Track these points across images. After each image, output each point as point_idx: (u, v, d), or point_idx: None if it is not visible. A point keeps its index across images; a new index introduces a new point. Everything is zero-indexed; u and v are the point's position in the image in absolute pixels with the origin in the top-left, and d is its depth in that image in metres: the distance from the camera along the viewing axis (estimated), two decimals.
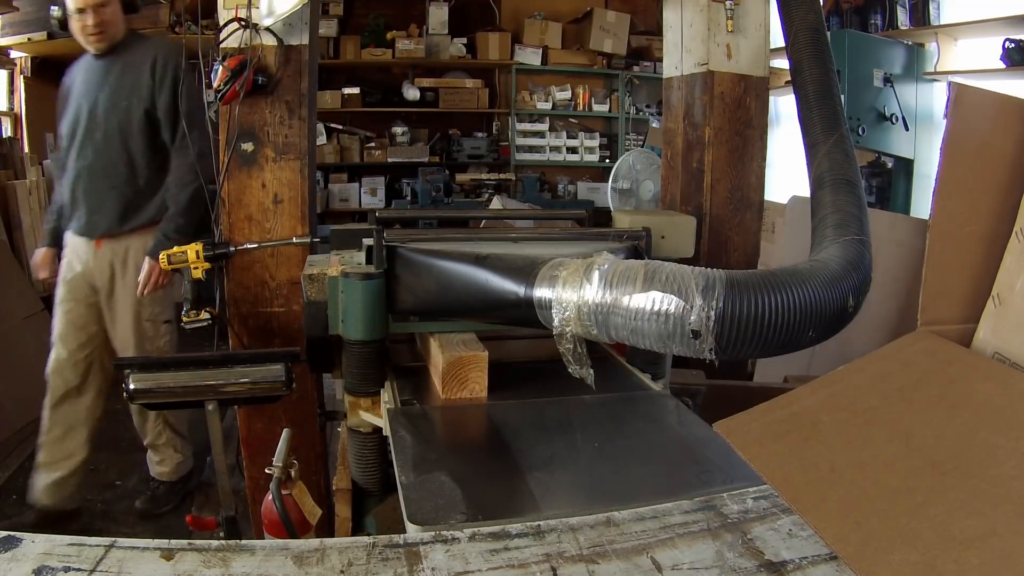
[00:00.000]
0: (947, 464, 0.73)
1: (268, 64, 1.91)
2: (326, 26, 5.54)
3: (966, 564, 0.62)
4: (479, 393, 1.24)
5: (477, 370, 1.24)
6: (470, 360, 1.23)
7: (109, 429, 3.22)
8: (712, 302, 0.87)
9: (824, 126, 1.38)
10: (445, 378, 1.22)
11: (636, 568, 0.69)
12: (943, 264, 0.95)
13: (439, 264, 1.27)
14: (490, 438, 1.16)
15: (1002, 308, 0.91)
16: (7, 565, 0.66)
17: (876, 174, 3.99)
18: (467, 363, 1.23)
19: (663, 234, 1.47)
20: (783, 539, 0.74)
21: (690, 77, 2.27)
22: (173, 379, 1.40)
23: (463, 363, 1.23)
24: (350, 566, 0.69)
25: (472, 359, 1.23)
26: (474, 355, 1.24)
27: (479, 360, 1.24)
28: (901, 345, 0.94)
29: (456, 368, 1.23)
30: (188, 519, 1.80)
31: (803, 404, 0.87)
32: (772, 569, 0.69)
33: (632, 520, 0.78)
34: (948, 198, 0.95)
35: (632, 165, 5.15)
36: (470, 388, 1.24)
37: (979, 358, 0.91)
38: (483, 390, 1.24)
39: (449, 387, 1.23)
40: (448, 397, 1.23)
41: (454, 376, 1.23)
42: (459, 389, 1.23)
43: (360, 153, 5.92)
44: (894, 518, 0.68)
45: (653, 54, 6.13)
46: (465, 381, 1.23)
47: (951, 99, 0.95)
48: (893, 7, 3.98)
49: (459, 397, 1.23)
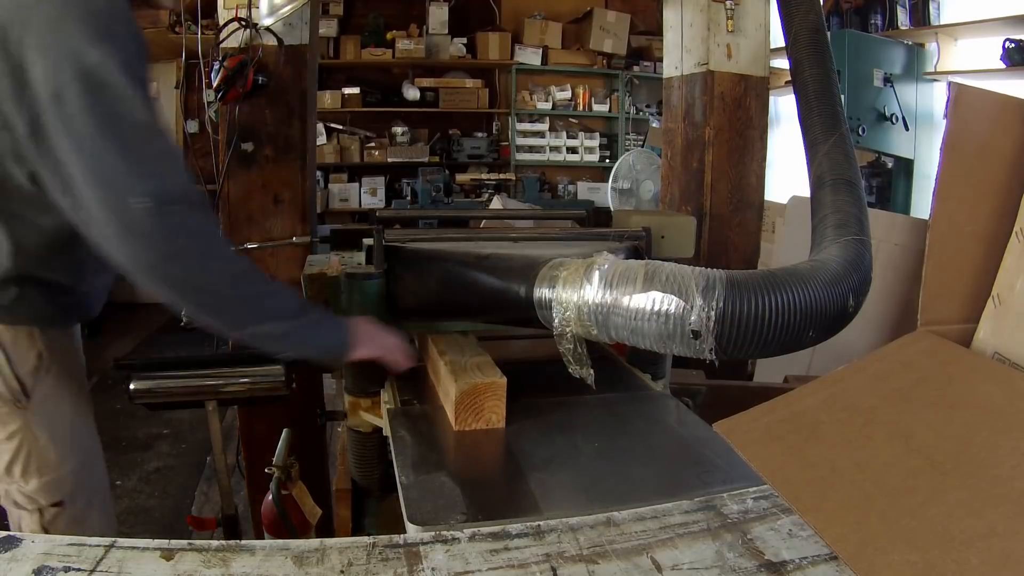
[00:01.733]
0: (947, 464, 0.73)
1: (268, 64, 1.91)
2: (326, 26, 5.54)
3: (966, 564, 0.62)
4: (496, 424, 1.13)
5: (494, 399, 1.12)
6: (486, 388, 1.11)
7: (109, 429, 3.22)
8: (712, 302, 0.87)
9: (824, 126, 1.38)
10: (458, 408, 1.11)
11: (636, 568, 0.69)
12: (943, 264, 0.95)
13: (439, 264, 1.27)
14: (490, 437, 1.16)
15: (1002, 308, 0.91)
16: (7, 565, 0.66)
17: (876, 174, 4.00)
18: (483, 391, 1.11)
19: (663, 234, 1.47)
20: (783, 539, 0.74)
21: (690, 77, 2.27)
22: (173, 379, 1.40)
23: (478, 391, 1.11)
24: (350, 566, 0.69)
25: (488, 387, 1.11)
26: (491, 383, 1.12)
27: (496, 388, 1.12)
28: (901, 345, 0.94)
29: (471, 397, 1.11)
30: (188, 519, 1.80)
31: (803, 404, 0.87)
32: (772, 569, 0.69)
33: (632, 520, 0.78)
34: (948, 198, 0.95)
35: (632, 165, 5.16)
36: (486, 418, 1.12)
37: (979, 358, 0.91)
38: (500, 420, 1.13)
39: (463, 418, 1.12)
40: (462, 429, 1.11)
41: (468, 406, 1.11)
42: (474, 420, 1.12)
43: (360, 153, 5.92)
44: (894, 518, 0.68)
45: (653, 54, 6.13)
46: (480, 411, 1.12)
47: (951, 99, 0.95)
48: (893, 7, 3.98)
49: (474, 428, 1.12)
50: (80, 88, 0.87)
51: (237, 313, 1.02)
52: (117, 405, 3.40)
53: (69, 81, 0.86)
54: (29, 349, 1.12)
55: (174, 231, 0.92)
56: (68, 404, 1.21)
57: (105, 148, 0.88)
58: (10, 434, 1.12)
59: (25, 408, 1.12)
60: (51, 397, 1.16)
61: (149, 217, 0.89)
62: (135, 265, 0.92)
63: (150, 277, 0.93)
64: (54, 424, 1.16)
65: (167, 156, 0.95)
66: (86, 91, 0.87)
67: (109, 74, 0.89)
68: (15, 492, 1.15)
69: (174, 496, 2.84)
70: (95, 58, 0.87)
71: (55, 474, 1.16)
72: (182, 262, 0.94)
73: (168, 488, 2.90)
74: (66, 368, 1.19)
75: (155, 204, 0.89)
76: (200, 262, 0.96)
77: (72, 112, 0.87)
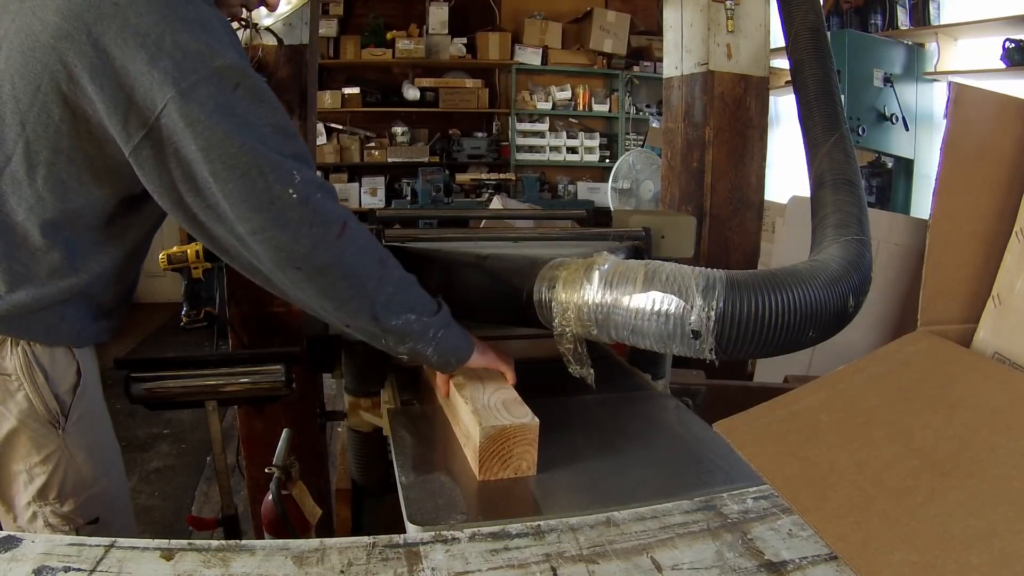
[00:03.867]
0: (947, 464, 0.73)
1: (268, 64, 1.91)
2: (326, 26, 5.54)
3: (966, 564, 0.62)
4: (526, 471, 0.95)
5: (525, 443, 0.94)
6: (515, 433, 0.93)
7: None
8: (712, 302, 0.87)
9: (824, 126, 1.38)
10: (483, 455, 0.93)
11: (636, 568, 0.69)
12: (943, 264, 0.95)
13: (439, 264, 1.27)
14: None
15: (1002, 308, 0.91)
16: (7, 565, 0.66)
17: (876, 174, 4.00)
18: (512, 436, 0.93)
19: (663, 234, 1.47)
20: (783, 539, 0.74)
21: (690, 77, 2.28)
22: (173, 379, 1.40)
23: (507, 436, 0.93)
24: (350, 566, 0.69)
25: (519, 431, 0.93)
26: (521, 425, 0.93)
27: (527, 432, 0.94)
28: (901, 345, 0.94)
29: (498, 443, 0.93)
30: (188, 519, 1.80)
31: (803, 404, 0.87)
32: (772, 569, 0.69)
33: (632, 520, 0.78)
34: (948, 198, 0.95)
35: (632, 165, 5.16)
36: (515, 466, 0.94)
37: (979, 358, 0.91)
38: (532, 467, 0.95)
39: (488, 466, 0.93)
40: (486, 479, 0.94)
41: (495, 453, 0.93)
42: (501, 468, 0.94)
43: (360, 153, 5.93)
44: (894, 518, 0.68)
45: (653, 54, 6.13)
46: (509, 458, 0.94)
47: (951, 99, 0.95)
48: (893, 7, 3.98)
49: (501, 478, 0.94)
50: (215, 85, 0.87)
51: (382, 302, 0.96)
52: (117, 405, 3.39)
53: (201, 79, 0.86)
54: (68, 367, 1.10)
55: (323, 217, 0.90)
56: (101, 418, 1.19)
57: (245, 144, 0.87)
58: (45, 457, 1.09)
59: (62, 428, 1.09)
60: (88, 413, 1.13)
61: (298, 206, 0.88)
62: (283, 258, 0.89)
63: (299, 270, 0.90)
64: (90, 441, 1.14)
65: (304, 149, 0.95)
66: (221, 89, 0.87)
67: (244, 73, 0.90)
68: (48, 514, 1.11)
69: (174, 496, 2.84)
70: (228, 59, 0.88)
71: (92, 490, 1.13)
72: (333, 248, 0.91)
73: (168, 488, 2.90)
74: (95, 381, 1.17)
75: (300, 193, 0.88)
76: (349, 246, 0.92)
77: (208, 109, 0.86)
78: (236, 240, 0.91)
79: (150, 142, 0.88)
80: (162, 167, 0.90)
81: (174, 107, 0.86)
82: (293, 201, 0.88)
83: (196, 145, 0.86)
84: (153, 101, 0.86)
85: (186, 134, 0.86)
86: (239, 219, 0.88)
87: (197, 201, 0.90)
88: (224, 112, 0.86)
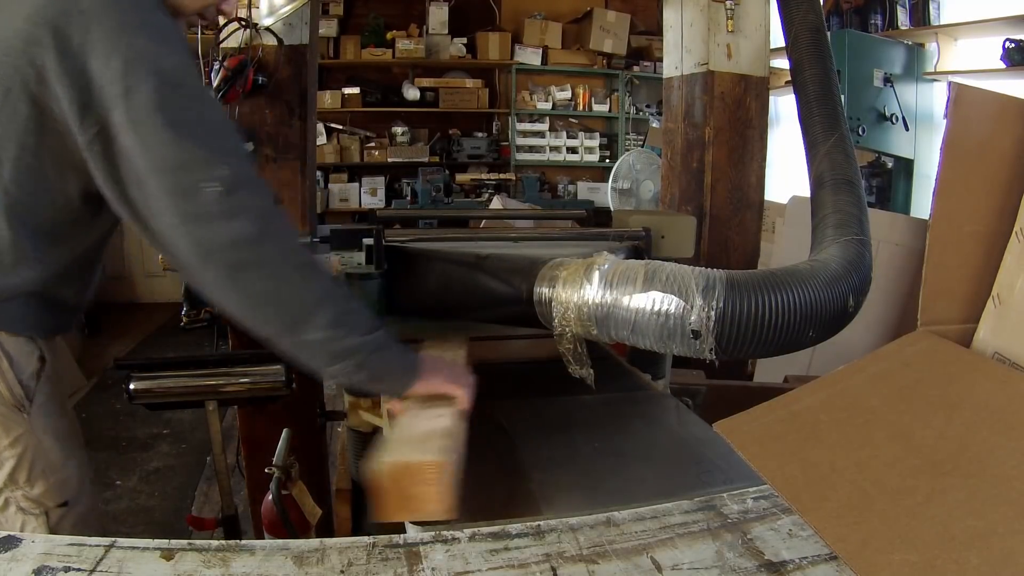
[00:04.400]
0: (947, 464, 0.73)
1: (268, 64, 1.91)
2: (326, 26, 5.54)
3: (966, 564, 0.62)
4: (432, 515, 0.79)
5: (425, 484, 0.78)
6: (416, 471, 0.78)
7: (109, 429, 3.23)
8: (712, 302, 0.87)
9: (824, 126, 1.38)
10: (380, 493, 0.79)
11: (636, 568, 0.69)
12: (943, 264, 0.95)
13: (439, 264, 1.27)
14: (490, 437, 1.16)
15: (1002, 308, 0.91)
16: (7, 565, 0.66)
17: (876, 174, 3.99)
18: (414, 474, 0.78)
19: (663, 234, 1.47)
20: (783, 539, 0.74)
21: (690, 77, 2.28)
22: (173, 379, 1.41)
23: (407, 473, 0.78)
24: (350, 566, 0.69)
25: (420, 469, 0.78)
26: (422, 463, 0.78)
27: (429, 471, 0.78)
28: (901, 345, 0.94)
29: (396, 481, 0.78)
30: (188, 519, 1.80)
31: (803, 404, 0.87)
32: (772, 569, 0.69)
33: (632, 520, 0.78)
34: (948, 198, 0.95)
35: (632, 165, 5.16)
36: (415, 508, 0.79)
37: (979, 358, 0.91)
38: (440, 510, 0.79)
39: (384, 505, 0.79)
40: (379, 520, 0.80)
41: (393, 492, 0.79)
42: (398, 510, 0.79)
43: (360, 153, 5.92)
44: (894, 518, 0.68)
45: (653, 54, 6.13)
46: (408, 499, 0.79)
47: (951, 99, 0.95)
48: (893, 7, 3.98)
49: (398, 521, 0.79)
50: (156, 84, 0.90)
51: (302, 311, 0.91)
52: (117, 405, 3.40)
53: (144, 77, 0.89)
54: (31, 354, 1.14)
55: (245, 213, 0.90)
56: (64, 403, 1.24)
57: (176, 139, 0.89)
58: (13, 440, 1.12)
59: (28, 412, 1.13)
60: (52, 398, 1.17)
61: (220, 200, 0.88)
62: (203, 252, 0.90)
63: (217, 266, 0.90)
64: (55, 425, 1.17)
65: (239, 149, 0.98)
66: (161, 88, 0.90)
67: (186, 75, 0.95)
68: (19, 498, 1.14)
69: (174, 496, 2.84)
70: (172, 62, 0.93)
71: (60, 475, 1.17)
72: (252, 246, 0.90)
73: (168, 488, 2.90)
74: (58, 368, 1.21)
75: (226, 188, 0.88)
76: (270, 246, 0.91)
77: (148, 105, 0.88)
78: (169, 235, 0.92)
79: (101, 137, 0.92)
80: (110, 162, 0.93)
81: (121, 104, 0.89)
82: (215, 196, 0.89)
83: (136, 140, 0.90)
84: (106, 98, 0.90)
85: (129, 129, 0.90)
86: (166, 211, 0.90)
87: (140, 195, 0.92)
88: (163, 110, 0.90)
